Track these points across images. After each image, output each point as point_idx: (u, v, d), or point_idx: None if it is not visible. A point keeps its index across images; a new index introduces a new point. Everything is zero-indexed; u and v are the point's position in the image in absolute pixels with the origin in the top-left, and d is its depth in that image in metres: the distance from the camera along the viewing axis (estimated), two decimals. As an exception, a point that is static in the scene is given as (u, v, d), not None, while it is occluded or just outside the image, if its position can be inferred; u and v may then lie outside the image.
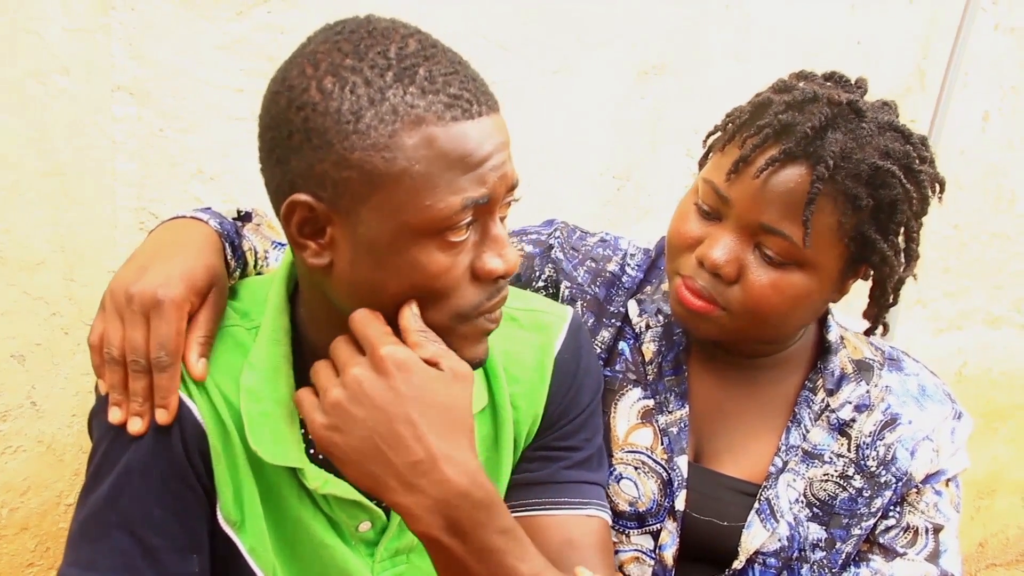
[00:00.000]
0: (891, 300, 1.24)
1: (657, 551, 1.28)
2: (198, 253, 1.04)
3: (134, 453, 0.96)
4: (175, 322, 0.97)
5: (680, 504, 1.26)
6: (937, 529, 1.28)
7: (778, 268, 1.14)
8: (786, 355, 1.31)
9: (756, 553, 1.26)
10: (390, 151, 0.85)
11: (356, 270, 0.90)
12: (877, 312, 1.26)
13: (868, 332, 1.30)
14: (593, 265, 1.36)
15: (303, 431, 1.02)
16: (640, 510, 1.28)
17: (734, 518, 1.27)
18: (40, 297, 1.42)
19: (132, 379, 0.96)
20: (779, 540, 1.27)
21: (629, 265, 1.37)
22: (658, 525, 1.28)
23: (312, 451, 1.03)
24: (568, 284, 1.35)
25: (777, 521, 1.26)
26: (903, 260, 1.19)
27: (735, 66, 1.89)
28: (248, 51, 1.46)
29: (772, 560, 1.27)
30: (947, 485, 1.30)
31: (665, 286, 1.33)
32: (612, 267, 1.37)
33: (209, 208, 1.13)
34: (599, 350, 1.32)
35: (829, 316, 1.33)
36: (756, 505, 1.26)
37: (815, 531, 1.28)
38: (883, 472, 1.28)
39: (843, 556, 1.28)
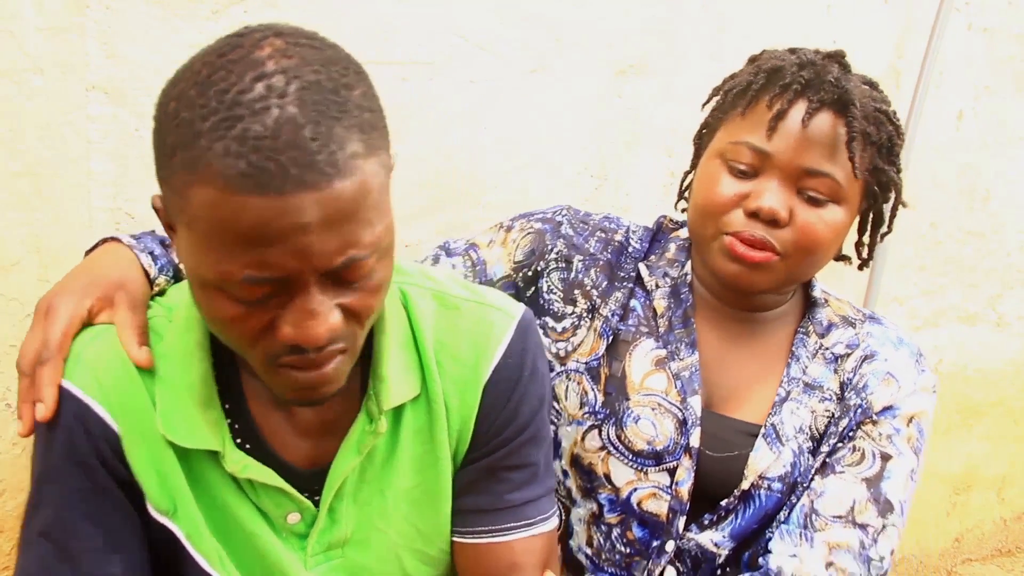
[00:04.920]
0: (888, 228, 1.43)
1: (673, 487, 1.38)
2: (102, 265, 1.10)
3: (45, 461, 0.99)
4: (62, 321, 1.01)
5: (695, 441, 1.37)
6: (885, 456, 1.37)
7: (821, 206, 1.29)
8: (780, 311, 1.45)
9: (762, 477, 1.36)
10: (182, 199, 0.82)
11: (188, 280, 0.91)
12: (872, 244, 1.44)
13: (863, 264, 1.47)
14: (603, 235, 1.48)
15: (229, 420, 1.02)
16: (657, 448, 1.37)
17: (743, 451, 1.38)
18: (14, 298, 1.41)
19: (19, 382, 1.01)
20: (783, 465, 1.37)
21: (632, 237, 1.50)
22: (674, 462, 1.37)
23: (239, 440, 1.03)
24: (580, 256, 1.46)
25: (783, 445, 1.37)
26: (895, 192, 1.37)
27: (711, 65, 1.89)
28: (224, 50, 1.45)
29: (777, 485, 1.37)
30: (907, 424, 1.39)
31: (670, 254, 1.48)
32: (619, 237, 1.49)
33: (138, 234, 1.22)
34: (614, 307, 1.44)
35: (812, 279, 1.48)
36: (762, 431, 1.38)
37: (811, 462, 1.39)
38: (852, 396, 1.40)
39: None
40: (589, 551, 1.46)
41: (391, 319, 1.05)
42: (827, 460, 1.38)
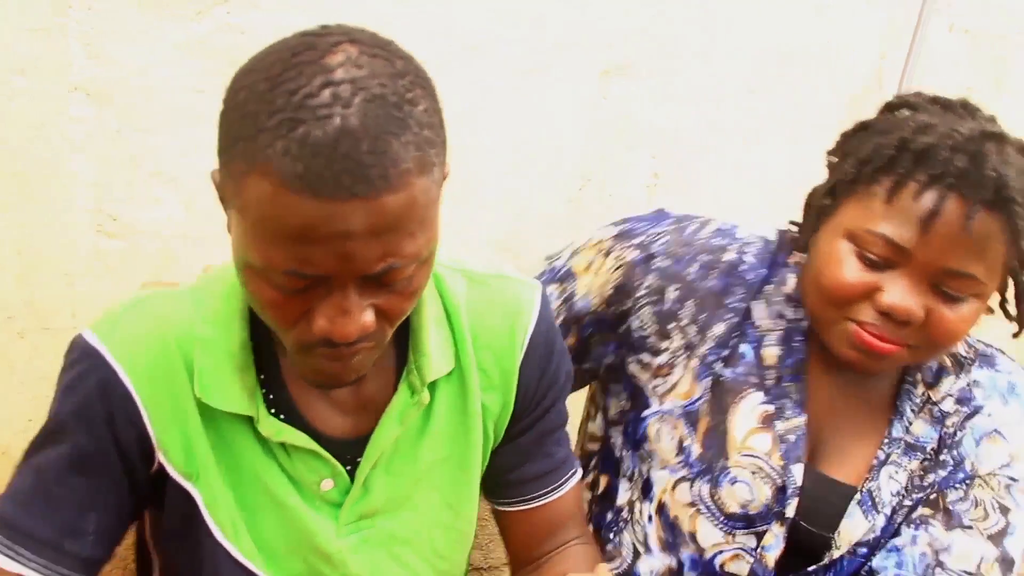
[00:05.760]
0: None
1: (759, 551, 1.30)
2: None
3: (59, 408, 1.02)
4: None
5: (791, 512, 1.28)
6: (1005, 509, 1.27)
7: (959, 302, 1.16)
8: None
9: (855, 544, 1.29)
10: (238, 186, 0.86)
11: (234, 256, 0.93)
12: (1021, 317, 1.26)
13: (1017, 334, 1.29)
14: (707, 258, 1.34)
15: (263, 390, 1.04)
16: (751, 512, 1.29)
17: (829, 520, 1.30)
18: (-4, 300, 1.40)
19: None
20: (875, 531, 1.29)
21: (747, 253, 1.34)
22: (764, 527, 1.29)
23: (272, 410, 1.05)
24: (675, 285, 1.33)
25: (878, 512, 1.29)
26: None
27: (699, 67, 1.89)
28: (207, 52, 1.45)
29: (863, 550, 1.29)
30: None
31: (788, 289, 1.33)
32: (729, 256, 1.34)
33: None
34: (713, 345, 1.32)
35: None
36: (857, 496, 1.28)
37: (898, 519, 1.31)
38: (945, 453, 1.30)
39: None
40: None
41: (427, 297, 1.08)
42: (951, 508, 1.29)
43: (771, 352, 1.31)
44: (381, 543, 1.12)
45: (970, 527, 1.26)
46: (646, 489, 1.37)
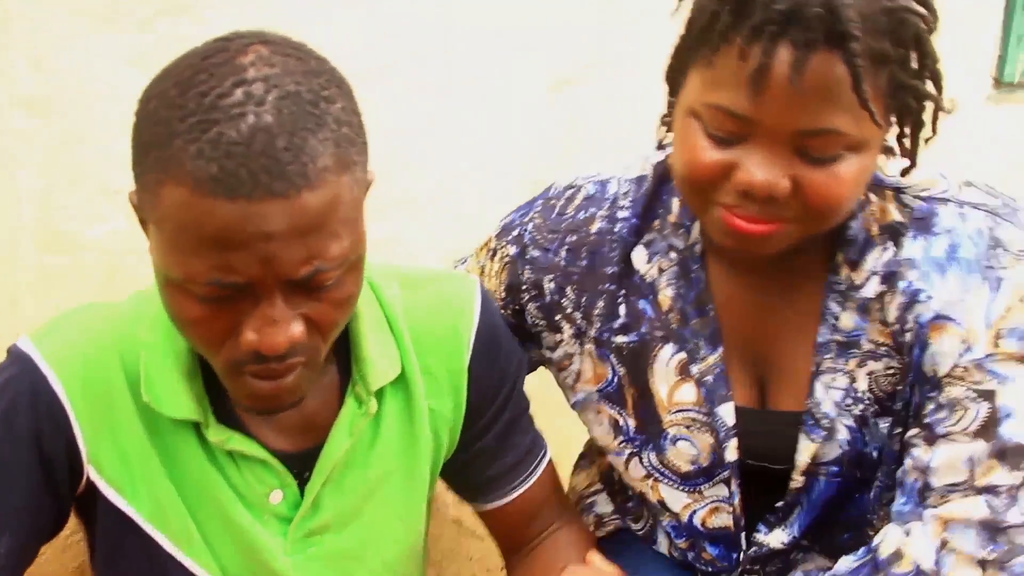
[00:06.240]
0: (933, 132, 1.08)
1: (732, 498, 1.24)
2: None
3: None
4: None
5: (731, 455, 1.20)
6: (987, 394, 1.06)
7: (831, 162, 0.99)
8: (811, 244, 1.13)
9: (816, 464, 1.18)
10: (154, 197, 0.84)
11: (156, 279, 0.91)
12: (914, 148, 1.09)
13: (906, 171, 1.12)
14: (574, 239, 1.24)
15: (210, 390, 1.01)
16: (704, 465, 1.22)
17: (788, 451, 1.19)
18: (-60, 317, 1.37)
19: None
20: (839, 447, 1.17)
21: (620, 208, 1.23)
22: (727, 472, 1.22)
23: (217, 413, 1.02)
24: (549, 276, 1.25)
25: (823, 429, 1.16)
26: (935, 88, 1.04)
27: (650, 73, 1.91)
28: (152, 64, 1.42)
29: (835, 468, 1.18)
30: (998, 341, 1.06)
31: (673, 216, 1.19)
32: (598, 225, 1.23)
33: None
34: (600, 323, 1.23)
35: None
36: (800, 424, 1.17)
37: (884, 426, 1.15)
38: (918, 352, 1.11)
39: None
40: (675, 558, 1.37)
41: (364, 305, 1.06)
42: (927, 421, 1.10)
43: (667, 295, 1.20)
44: (331, 560, 1.10)
45: (947, 433, 1.08)
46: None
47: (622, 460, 1.29)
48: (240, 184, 0.79)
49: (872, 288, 1.12)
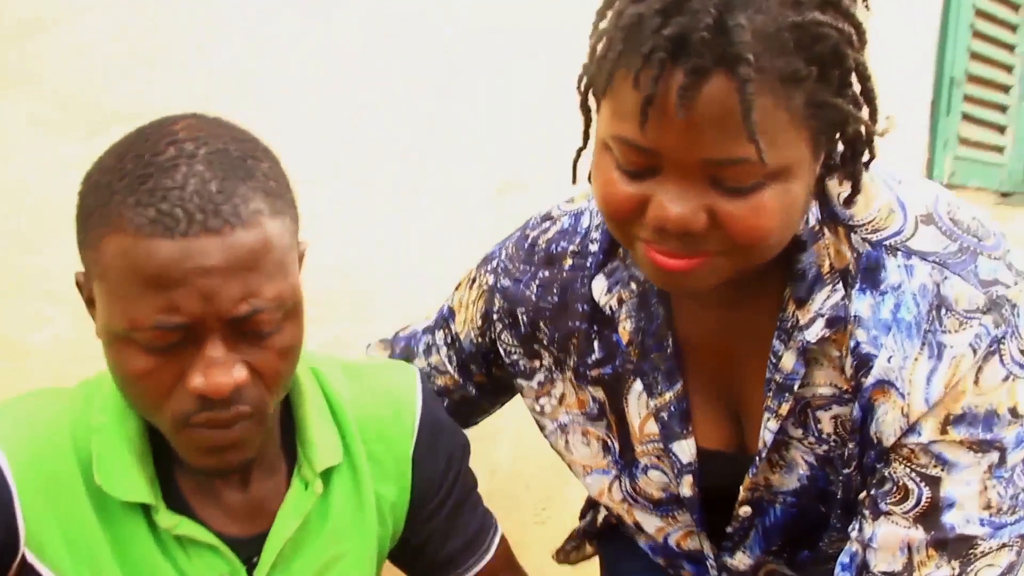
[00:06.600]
0: (870, 155, 1.01)
1: (698, 527, 1.25)
2: None
3: None
4: None
5: (686, 491, 1.20)
6: (932, 480, 1.01)
7: (751, 192, 0.93)
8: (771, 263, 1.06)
9: (774, 494, 1.16)
10: (97, 253, 0.89)
11: (103, 349, 0.94)
12: (855, 173, 1.02)
13: (850, 199, 1.04)
14: (546, 275, 1.22)
15: (159, 476, 1.01)
16: (675, 494, 1.23)
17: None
18: None
19: None
20: (798, 480, 1.13)
21: (592, 241, 1.18)
22: (688, 504, 1.23)
23: (167, 499, 1.01)
24: (522, 309, 1.24)
25: (772, 463, 1.13)
26: (867, 107, 0.98)
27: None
28: (101, 169, 1.44)
29: (791, 499, 1.16)
30: (944, 427, 1.01)
31: None
32: (570, 262, 1.20)
33: None
34: (577, 357, 1.21)
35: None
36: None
37: (846, 471, 1.11)
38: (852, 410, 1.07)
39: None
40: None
41: (308, 392, 1.10)
42: (872, 492, 1.06)
43: (626, 327, 1.16)
44: None
45: (888, 511, 1.04)
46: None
47: (608, 479, 1.28)
48: (177, 223, 0.85)
49: (815, 331, 1.05)
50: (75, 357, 1.48)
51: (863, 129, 0.97)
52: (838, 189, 1.06)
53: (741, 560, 1.25)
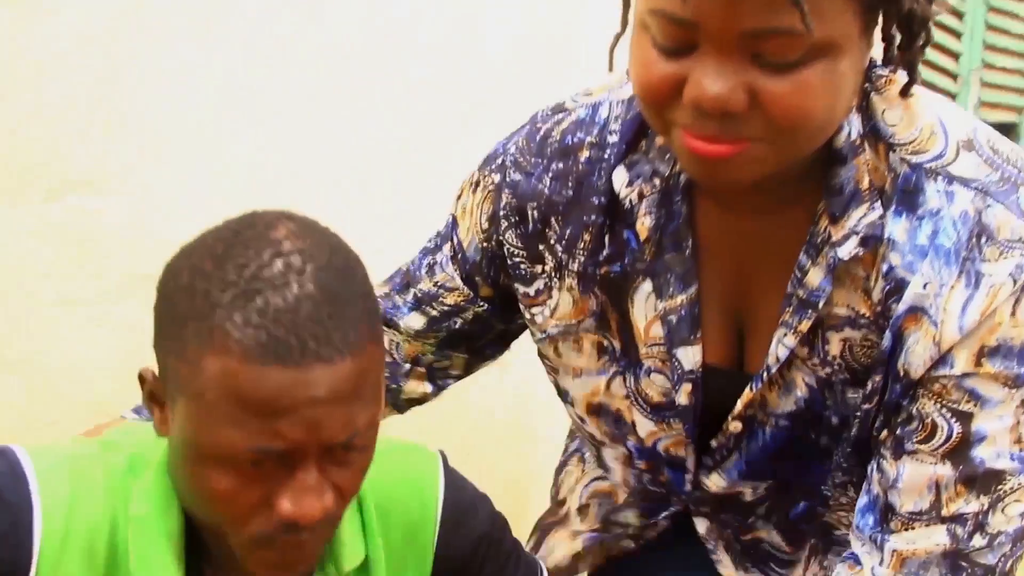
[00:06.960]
0: (924, 40, 0.95)
1: (689, 438, 1.17)
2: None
3: None
4: None
5: (682, 399, 1.13)
6: (963, 415, 0.98)
7: (794, 69, 0.86)
8: (803, 181, 1.01)
9: (766, 415, 1.11)
10: (195, 368, 0.84)
11: (173, 457, 0.90)
12: (912, 58, 0.96)
13: (906, 88, 0.99)
14: (560, 166, 1.14)
15: (189, 572, 0.97)
16: (673, 399, 1.16)
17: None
18: None
19: None
20: (795, 403, 1.09)
21: (611, 134, 1.11)
22: (684, 413, 1.17)
23: None
24: (534, 203, 1.15)
25: (775, 381, 1.08)
26: None
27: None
28: (57, 235, 1.43)
29: (784, 422, 1.10)
30: (979, 359, 0.97)
31: (661, 139, 1.04)
32: (587, 153, 1.12)
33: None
34: (584, 256, 1.15)
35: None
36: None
37: (853, 397, 1.06)
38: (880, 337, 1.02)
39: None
40: (627, 490, 1.31)
41: None
42: (897, 432, 1.02)
43: (644, 223, 1.10)
44: None
45: (915, 450, 1.00)
46: (563, 395, 1.27)
47: (604, 379, 1.21)
48: (290, 351, 0.81)
49: (848, 249, 1.00)
50: (26, 427, 1.46)
51: (918, 7, 0.91)
52: (883, 105, 1.01)
53: (715, 481, 1.19)
